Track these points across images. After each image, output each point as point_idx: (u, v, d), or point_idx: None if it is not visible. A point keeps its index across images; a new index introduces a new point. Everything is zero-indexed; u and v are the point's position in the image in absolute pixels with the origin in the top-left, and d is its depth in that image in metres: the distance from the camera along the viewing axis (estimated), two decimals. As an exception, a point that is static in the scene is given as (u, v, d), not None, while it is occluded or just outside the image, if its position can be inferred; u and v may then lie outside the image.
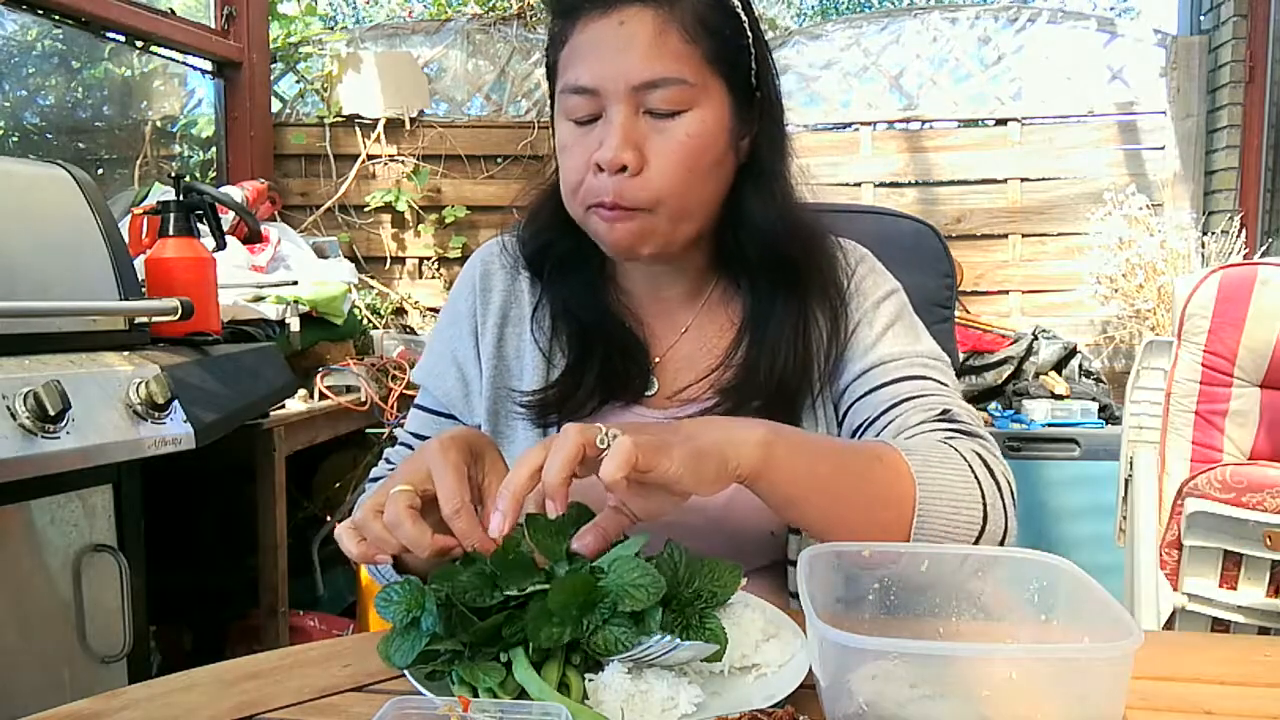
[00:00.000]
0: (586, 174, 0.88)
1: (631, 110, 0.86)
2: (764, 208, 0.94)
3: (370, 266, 3.47)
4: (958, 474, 0.81)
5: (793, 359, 0.94)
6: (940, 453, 0.82)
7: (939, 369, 0.95)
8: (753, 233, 0.94)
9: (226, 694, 0.70)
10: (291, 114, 3.45)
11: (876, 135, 3.44)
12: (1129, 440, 2.05)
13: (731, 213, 0.95)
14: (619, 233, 0.89)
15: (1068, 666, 0.60)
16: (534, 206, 1.03)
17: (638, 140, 0.86)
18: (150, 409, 1.32)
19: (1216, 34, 3.28)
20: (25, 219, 1.38)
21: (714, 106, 0.89)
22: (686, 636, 0.67)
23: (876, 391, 0.93)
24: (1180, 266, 2.95)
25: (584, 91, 0.88)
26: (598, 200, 0.88)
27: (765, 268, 0.95)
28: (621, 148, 0.85)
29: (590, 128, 0.89)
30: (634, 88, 0.86)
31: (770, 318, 0.95)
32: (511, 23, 3.51)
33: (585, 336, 0.98)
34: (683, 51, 0.86)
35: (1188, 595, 1.59)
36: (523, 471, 0.69)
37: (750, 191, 0.94)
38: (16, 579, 1.25)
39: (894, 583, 0.73)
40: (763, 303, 0.96)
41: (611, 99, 0.87)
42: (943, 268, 1.31)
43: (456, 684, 0.66)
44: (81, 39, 2.64)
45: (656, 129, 0.87)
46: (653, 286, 1.01)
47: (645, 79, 0.85)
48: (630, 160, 0.85)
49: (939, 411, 0.89)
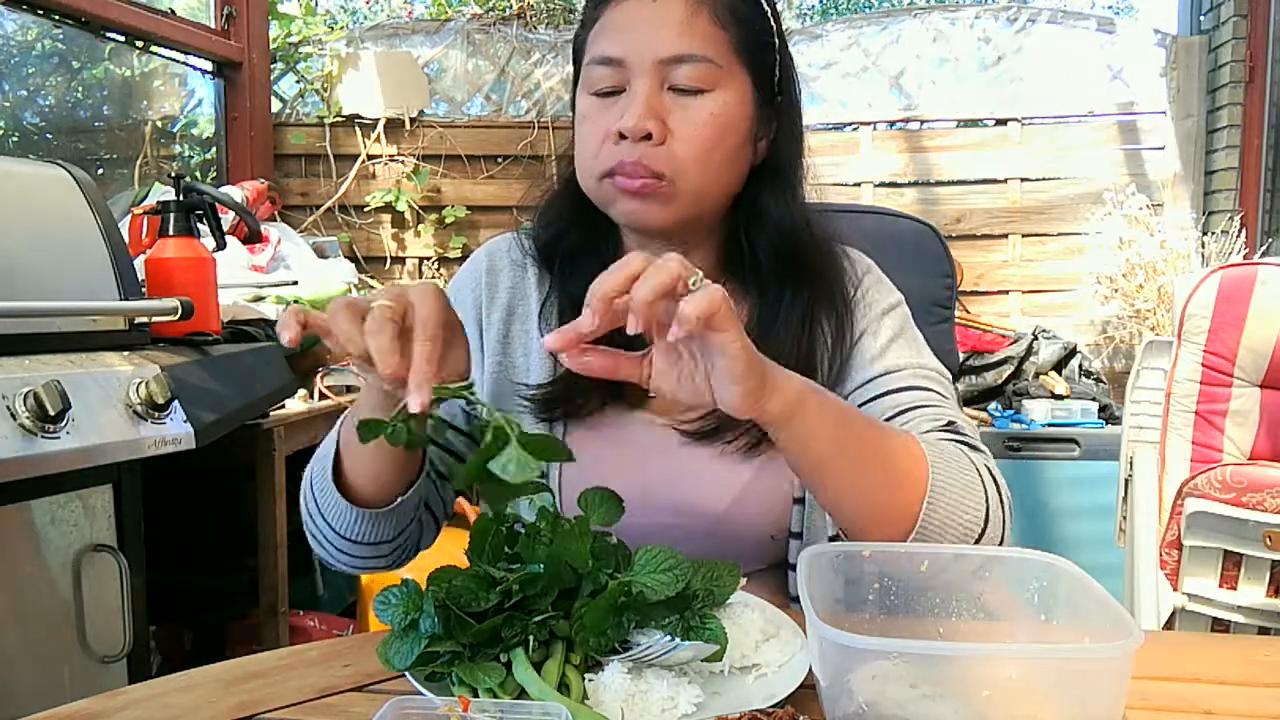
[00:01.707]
0: (605, 143, 0.88)
1: (656, 84, 0.87)
2: (782, 209, 0.95)
3: (370, 266, 3.47)
4: (968, 475, 0.81)
5: (796, 366, 0.94)
6: (953, 453, 0.82)
7: (941, 383, 0.95)
8: (768, 233, 0.95)
9: (226, 694, 0.70)
10: (291, 114, 3.45)
11: (876, 135, 3.44)
12: (1129, 440, 2.05)
13: (746, 213, 0.96)
14: (633, 199, 0.88)
15: (1068, 666, 0.60)
16: (546, 200, 1.03)
17: (661, 113, 0.87)
18: (150, 409, 1.32)
19: (1216, 34, 3.28)
20: (25, 219, 1.38)
21: (737, 93, 0.89)
22: (686, 636, 0.67)
23: (881, 399, 0.93)
24: (1180, 266, 2.95)
25: (610, 62, 0.89)
26: (615, 165, 0.88)
27: (776, 270, 0.95)
28: (646, 116, 0.86)
29: (612, 100, 0.89)
30: (661, 61, 0.87)
31: (776, 321, 0.95)
32: (511, 23, 3.51)
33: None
34: (711, 34, 0.88)
35: (1188, 595, 1.59)
36: (619, 276, 0.67)
37: (768, 192, 0.95)
38: (16, 579, 1.25)
39: (894, 583, 0.73)
40: (770, 306, 0.96)
41: (636, 71, 0.88)
42: (943, 268, 1.32)
43: (456, 684, 0.66)
44: (81, 39, 2.64)
45: (680, 105, 0.88)
46: None
47: (674, 53, 0.87)
48: (655, 129, 0.86)
49: (944, 422, 0.89)
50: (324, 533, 0.88)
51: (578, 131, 0.93)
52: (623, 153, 0.87)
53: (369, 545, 0.87)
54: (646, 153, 0.86)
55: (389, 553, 0.90)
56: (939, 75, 3.48)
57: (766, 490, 0.93)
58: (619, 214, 0.92)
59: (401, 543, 0.91)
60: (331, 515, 0.86)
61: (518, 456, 0.64)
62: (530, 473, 0.64)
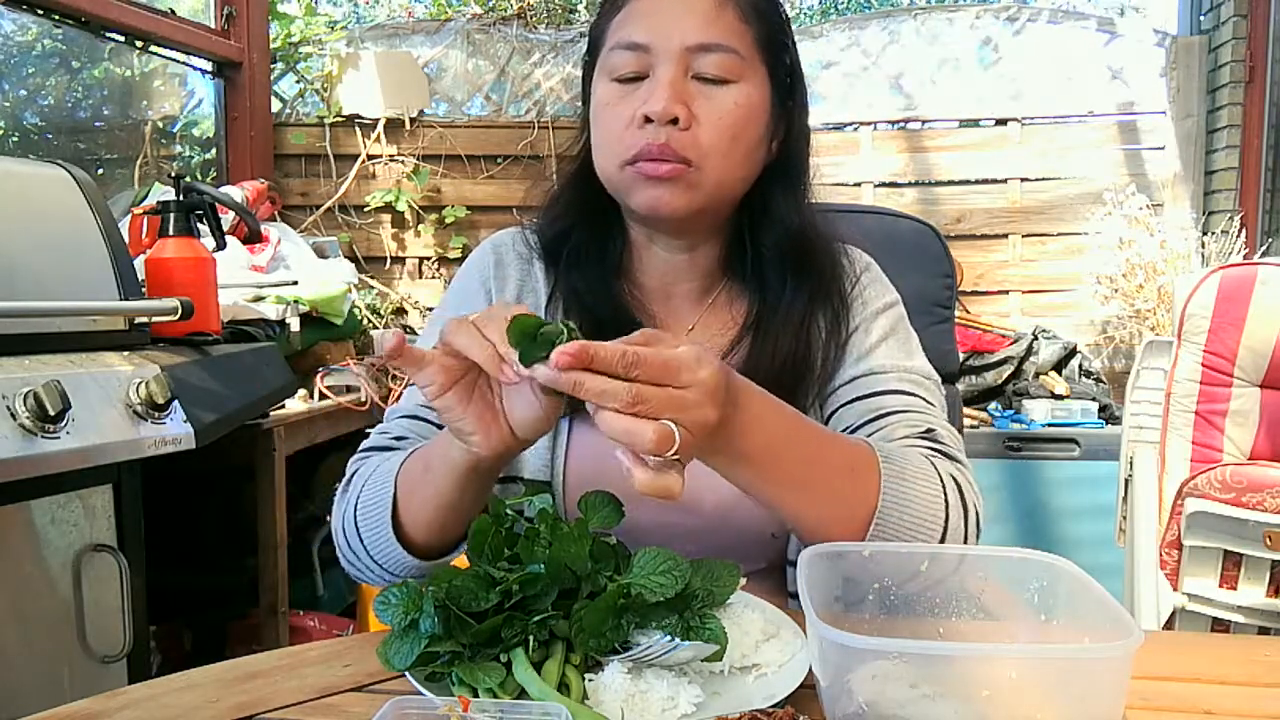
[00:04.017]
0: (629, 128, 0.88)
1: (681, 71, 0.88)
2: (790, 210, 0.95)
3: (370, 266, 3.47)
4: (926, 488, 0.80)
5: (792, 360, 0.94)
6: (915, 466, 0.81)
7: (928, 388, 0.95)
8: (775, 233, 0.95)
9: (226, 694, 0.70)
10: (291, 114, 3.45)
11: (876, 135, 3.44)
12: (1129, 440, 2.05)
13: (754, 212, 0.96)
14: (657, 185, 0.87)
15: (1068, 666, 0.60)
16: (553, 194, 1.02)
17: (686, 99, 0.87)
18: (150, 409, 1.32)
19: (1216, 34, 3.28)
20: (25, 219, 1.37)
21: (758, 87, 0.91)
22: (686, 636, 0.67)
23: (864, 400, 0.93)
24: (1180, 266, 2.95)
25: (635, 48, 0.89)
26: (641, 149, 0.87)
27: (779, 266, 0.96)
28: (674, 100, 0.86)
29: (634, 86, 0.89)
30: (688, 48, 0.87)
31: (775, 319, 0.95)
32: (511, 23, 3.51)
33: (599, 329, 0.97)
34: (737, 27, 0.89)
35: (1188, 595, 1.59)
36: (619, 356, 0.63)
37: (779, 191, 0.96)
38: (16, 579, 1.25)
39: (894, 583, 0.73)
40: (770, 302, 0.96)
41: (661, 57, 0.88)
42: (943, 268, 1.32)
43: (456, 684, 0.66)
44: (81, 39, 2.64)
45: (704, 94, 0.88)
46: (665, 281, 1.00)
47: (701, 41, 0.87)
48: (681, 114, 0.86)
49: (923, 429, 0.89)
50: (370, 569, 0.87)
51: (598, 118, 0.92)
52: (648, 136, 0.86)
53: (419, 577, 0.87)
54: (673, 136, 0.86)
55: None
56: (939, 75, 3.48)
57: None
58: (639, 203, 0.90)
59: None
60: (385, 560, 0.85)
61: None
62: None
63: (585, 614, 0.67)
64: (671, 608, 0.69)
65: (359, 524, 0.85)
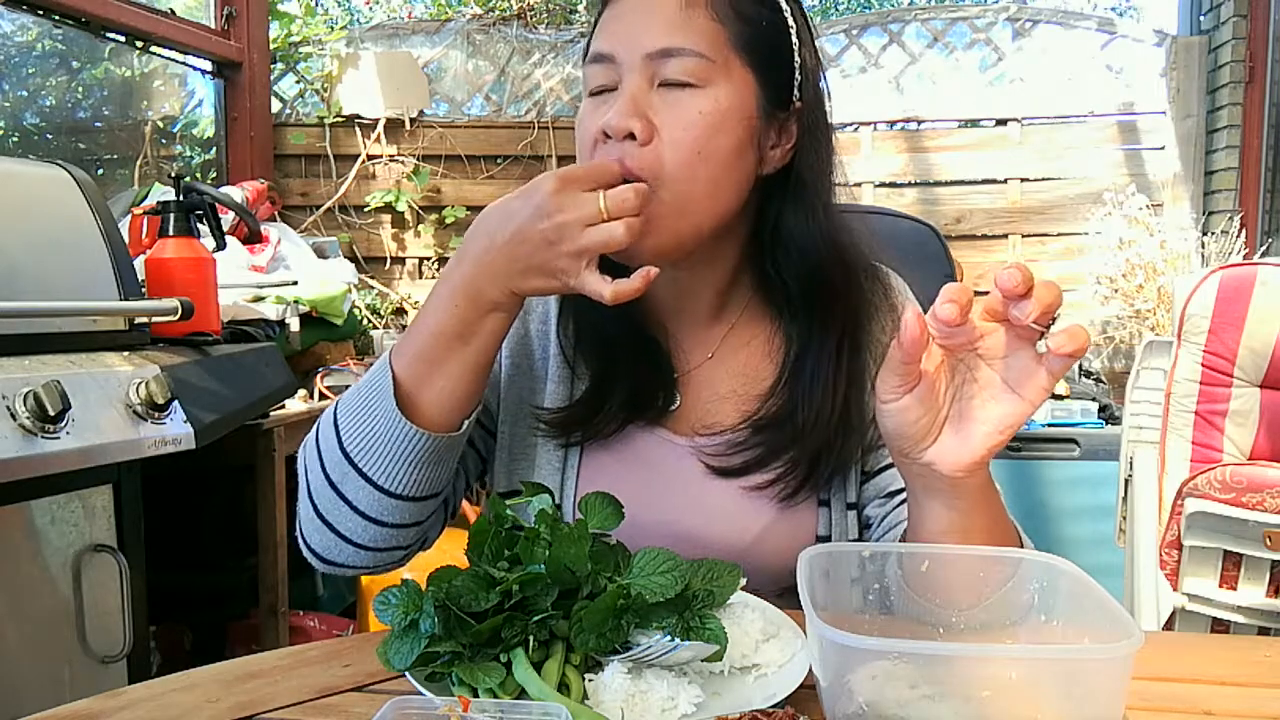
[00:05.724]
0: (596, 145, 0.84)
1: (645, 80, 0.83)
2: (803, 229, 0.89)
3: (370, 266, 3.47)
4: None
5: (831, 407, 0.89)
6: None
7: None
8: (792, 254, 0.90)
9: (226, 694, 0.70)
10: (291, 114, 3.45)
11: (876, 135, 3.44)
12: (1129, 440, 2.05)
13: (769, 232, 0.91)
14: None
15: (1068, 667, 0.60)
16: None
17: (647, 109, 0.82)
18: (150, 409, 1.32)
19: (1216, 34, 3.28)
20: (25, 219, 1.38)
21: (735, 92, 0.83)
22: (686, 637, 0.67)
23: None
24: (1180, 267, 2.95)
25: (601, 59, 0.85)
26: None
27: (805, 296, 0.91)
28: (628, 114, 0.81)
29: (605, 98, 0.85)
30: (648, 55, 0.82)
31: (808, 356, 0.91)
32: (511, 23, 3.51)
33: (611, 346, 0.94)
34: (707, 29, 0.83)
35: (1188, 595, 1.59)
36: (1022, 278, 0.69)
37: (789, 210, 0.89)
38: (16, 579, 1.25)
39: (894, 583, 0.73)
40: (803, 338, 0.91)
41: (626, 67, 0.83)
42: (943, 268, 1.32)
43: (456, 684, 0.66)
44: (81, 39, 2.64)
45: (668, 101, 0.82)
46: (674, 293, 0.95)
47: (660, 46, 0.82)
48: (638, 128, 0.80)
49: None
50: (344, 522, 0.83)
51: (577, 135, 0.89)
52: (608, 153, 0.82)
53: (392, 528, 0.83)
54: (628, 151, 0.80)
55: (410, 541, 0.87)
56: (939, 75, 3.48)
57: (790, 533, 0.90)
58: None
59: (423, 531, 0.88)
60: (376, 472, 0.81)
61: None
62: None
63: (585, 614, 0.67)
64: (671, 608, 0.69)
65: (339, 425, 0.82)
